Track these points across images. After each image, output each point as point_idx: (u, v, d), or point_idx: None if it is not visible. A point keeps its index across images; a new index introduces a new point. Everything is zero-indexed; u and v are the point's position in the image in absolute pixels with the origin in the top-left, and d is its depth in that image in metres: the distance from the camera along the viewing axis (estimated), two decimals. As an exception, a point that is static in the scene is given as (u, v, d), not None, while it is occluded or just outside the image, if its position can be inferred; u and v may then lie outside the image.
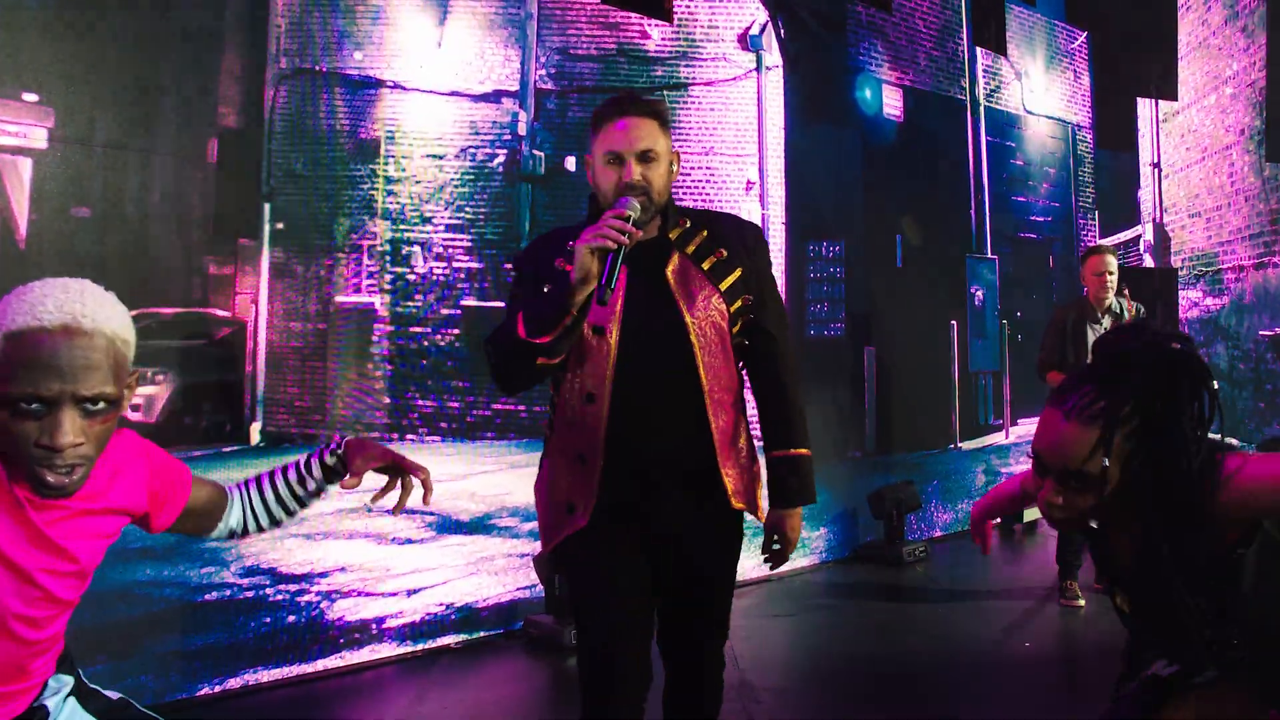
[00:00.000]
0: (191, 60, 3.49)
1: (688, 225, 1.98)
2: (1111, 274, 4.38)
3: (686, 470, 1.91)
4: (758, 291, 1.99)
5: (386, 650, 3.74)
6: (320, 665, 3.59)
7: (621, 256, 1.70)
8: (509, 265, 3.97)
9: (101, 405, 1.25)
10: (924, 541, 5.63)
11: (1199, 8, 8.01)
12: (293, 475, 1.63)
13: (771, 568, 2.06)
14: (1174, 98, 7.82)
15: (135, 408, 3.29)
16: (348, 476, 1.55)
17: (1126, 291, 4.82)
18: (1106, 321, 4.43)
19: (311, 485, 1.63)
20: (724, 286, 1.94)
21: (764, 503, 2.06)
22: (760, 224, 5.28)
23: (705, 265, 1.94)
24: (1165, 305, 7.83)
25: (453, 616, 3.94)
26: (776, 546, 2.02)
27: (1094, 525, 1.46)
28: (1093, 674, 3.64)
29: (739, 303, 1.95)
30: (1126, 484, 1.40)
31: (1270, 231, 7.93)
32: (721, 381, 1.92)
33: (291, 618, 3.58)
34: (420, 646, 3.79)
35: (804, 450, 2.03)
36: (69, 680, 1.49)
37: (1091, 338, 4.43)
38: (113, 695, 1.55)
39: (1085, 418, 1.40)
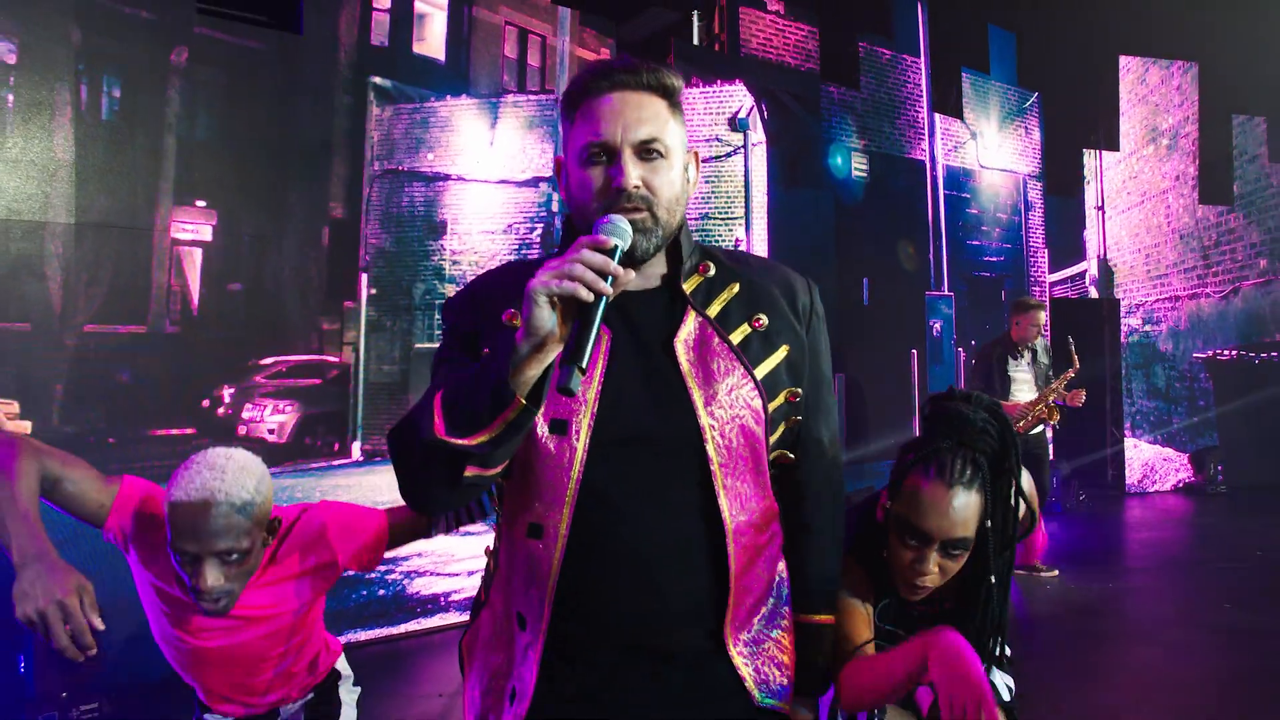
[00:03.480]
0: (309, 167, 4.53)
1: (711, 272, 1.30)
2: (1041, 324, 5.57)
3: (688, 649, 1.22)
4: (811, 383, 1.33)
5: (453, 618, 4.47)
6: (402, 628, 4.38)
7: (601, 314, 1.04)
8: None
9: (235, 556, 1.52)
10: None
11: (1138, 69, 8.93)
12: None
13: None
14: (1116, 148, 8.72)
15: (271, 431, 4.31)
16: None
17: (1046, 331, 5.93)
18: (1026, 355, 5.52)
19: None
20: (762, 372, 1.26)
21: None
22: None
23: (735, 337, 1.26)
24: (1111, 331, 8.79)
25: (503, 592, 4.84)
26: None
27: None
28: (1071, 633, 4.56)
29: (782, 398, 1.29)
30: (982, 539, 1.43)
31: (1202, 265, 8.90)
32: (753, 514, 1.24)
33: (382, 591, 4.41)
34: (478, 615, 4.70)
35: (829, 617, 1.35)
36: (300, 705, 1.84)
37: (1013, 367, 5.54)
38: None
39: (968, 483, 1.39)
